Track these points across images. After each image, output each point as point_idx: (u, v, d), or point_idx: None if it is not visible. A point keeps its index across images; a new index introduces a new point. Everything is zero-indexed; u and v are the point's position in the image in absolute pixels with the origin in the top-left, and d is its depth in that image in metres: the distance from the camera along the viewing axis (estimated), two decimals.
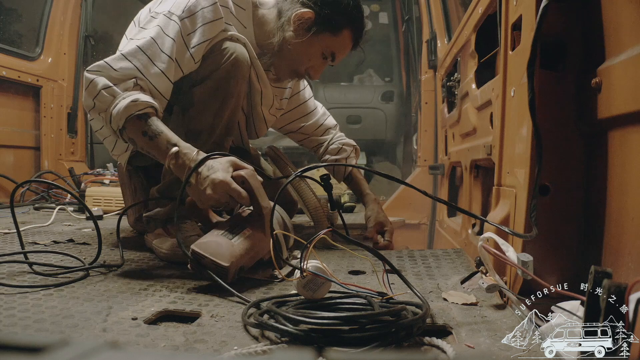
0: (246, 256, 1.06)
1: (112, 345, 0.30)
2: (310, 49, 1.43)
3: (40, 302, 0.92)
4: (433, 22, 2.63)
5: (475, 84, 1.60)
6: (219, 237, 1.06)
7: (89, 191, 2.39)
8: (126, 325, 0.81)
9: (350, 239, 1.00)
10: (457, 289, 1.04)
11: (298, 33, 1.40)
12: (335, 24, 1.40)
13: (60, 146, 3.21)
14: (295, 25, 1.40)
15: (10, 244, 1.50)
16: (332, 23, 1.40)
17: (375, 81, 4.66)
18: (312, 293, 0.84)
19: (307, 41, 1.40)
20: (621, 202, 0.80)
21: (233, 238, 1.06)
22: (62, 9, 3.15)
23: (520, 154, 0.96)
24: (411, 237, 2.69)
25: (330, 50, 1.44)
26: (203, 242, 1.05)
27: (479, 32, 1.58)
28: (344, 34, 1.43)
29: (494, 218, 1.05)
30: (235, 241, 1.06)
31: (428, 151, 2.76)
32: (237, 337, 0.77)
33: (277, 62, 1.47)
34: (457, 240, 1.80)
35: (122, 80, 1.18)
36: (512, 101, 1.03)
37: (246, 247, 1.06)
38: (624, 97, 0.75)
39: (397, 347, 0.72)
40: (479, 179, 1.72)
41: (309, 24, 1.39)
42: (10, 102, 2.91)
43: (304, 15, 1.38)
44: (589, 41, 0.88)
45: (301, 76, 1.54)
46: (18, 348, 0.29)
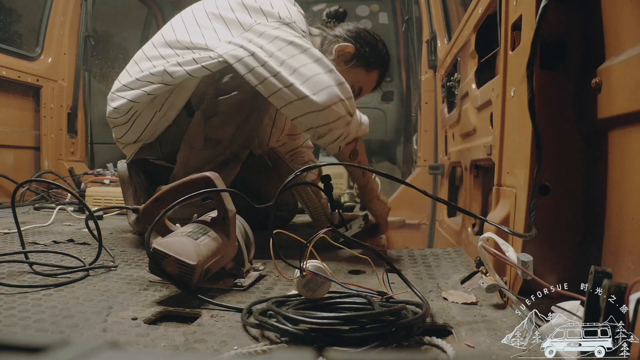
0: (212, 258, 0.99)
1: (112, 345, 0.30)
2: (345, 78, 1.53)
3: (40, 302, 0.92)
4: (433, 22, 2.63)
5: (475, 84, 1.60)
6: (183, 236, 0.99)
7: (89, 191, 2.39)
8: (126, 325, 0.81)
9: (350, 238, 1.00)
10: (457, 289, 1.04)
11: (337, 62, 1.52)
12: (370, 62, 1.56)
13: (60, 146, 3.20)
14: (336, 54, 1.52)
15: (10, 244, 1.50)
16: (368, 61, 1.56)
17: None
18: (312, 292, 0.84)
19: (343, 72, 1.48)
20: (621, 202, 0.80)
21: (199, 238, 1.00)
22: (62, 9, 3.15)
23: (520, 154, 0.96)
24: (411, 237, 2.69)
25: (360, 84, 1.59)
26: (165, 241, 0.98)
27: (479, 32, 1.58)
28: (374, 73, 1.60)
29: (494, 218, 1.05)
30: (201, 241, 0.99)
31: (428, 151, 2.76)
32: (237, 337, 0.77)
33: None
34: (457, 240, 1.80)
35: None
36: (512, 101, 1.03)
37: (212, 249, 1.00)
38: (624, 97, 0.75)
39: (397, 347, 0.72)
40: (479, 179, 1.72)
41: (348, 57, 1.53)
42: (10, 102, 2.91)
43: (346, 48, 1.53)
44: (589, 41, 0.88)
45: None
46: (18, 348, 0.29)
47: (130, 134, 1.48)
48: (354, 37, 1.55)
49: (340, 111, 1.27)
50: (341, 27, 1.58)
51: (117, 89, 1.44)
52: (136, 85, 1.39)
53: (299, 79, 1.25)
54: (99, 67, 3.75)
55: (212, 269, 1.00)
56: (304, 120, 1.29)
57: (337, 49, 1.52)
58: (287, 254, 0.91)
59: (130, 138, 1.49)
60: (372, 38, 1.58)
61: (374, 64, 1.58)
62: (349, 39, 1.54)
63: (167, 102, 1.42)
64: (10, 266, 1.17)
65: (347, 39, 1.54)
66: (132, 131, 1.48)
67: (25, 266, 1.15)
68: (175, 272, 0.94)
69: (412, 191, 1.05)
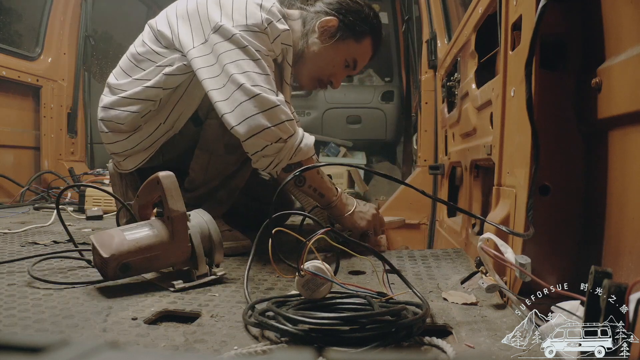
0: (136, 254, 1.00)
1: (112, 345, 0.30)
2: (335, 56, 1.48)
3: (40, 302, 0.92)
4: (433, 22, 2.62)
5: (475, 84, 1.60)
6: (118, 230, 1.04)
7: (89, 191, 2.39)
8: (126, 325, 0.81)
9: (349, 238, 1.00)
10: (457, 289, 1.04)
11: (322, 39, 1.45)
12: (358, 31, 1.46)
13: (60, 146, 3.21)
14: (319, 32, 1.45)
15: (10, 243, 1.50)
16: (355, 30, 1.46)
17: (375, 81, 4.66)
18: (311, 292, 0.84)
19: (331, 48, 1.45)
20: (621, 202, 0.80)
21: (129, 233, 1.02)
22: (62, 9, 3.15)
23: (520, 154, 0.96)
24: (411, 237, 2.68)
25: (353, 57, 1.50)
26: (101, 232, 1.04)
27: (479, 32, 1.57)
28: (366, 41, 1.49)
29: (494, 218, 1.05)
30: (129, 236, 1.01)
31: (428, 151, 2.75)
32: (237, 337, 0.77)
33: (300, 70, 1.50)
34: (457, 240, 1.79)
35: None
36: (512, 101, 1.03)
37: (139, 245, 1.01)
38: (624, 97, 0.75)
39: (397, 347, 0.72)
40: (479, 179, 1.72)
41: (333, 31, 1.44)
42: (10, 102, 2.91)
43: (328, 22, 1.44)
44: (589, 41, 0.88)
45: (323, 85, 1.56)
46: (18, 348, 0.29)
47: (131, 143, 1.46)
48: (335, 9, 1.45)
49: (263, 141, 1.22)
50: (321, 1, 1.48)
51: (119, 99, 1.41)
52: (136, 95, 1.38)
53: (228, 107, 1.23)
54: (99, 67, 3.75)
55: (135, 264, 1.01)
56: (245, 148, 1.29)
57: (319, 26, 1.44)
58: (288, 255, 0.91)
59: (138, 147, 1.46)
60: (355, 4, 1.47)
61: (363, 32, 1.47)
62: (331, 12, 1.45)
63: (173, 112, 1.41)
64: (9, 268, 1.17)
65: (328, 12, 1.45)
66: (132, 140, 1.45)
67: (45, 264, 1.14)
68: (98, 262, 1.00)
69: (412, 191, 1.05)
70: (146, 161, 1.48)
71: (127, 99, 1.39)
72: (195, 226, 1.09)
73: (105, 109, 1.44)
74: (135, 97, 1.38)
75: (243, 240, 1.45)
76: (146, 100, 1.37)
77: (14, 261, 1.21)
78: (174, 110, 1.41)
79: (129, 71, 1.43)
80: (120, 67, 1.47)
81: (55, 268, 1.18)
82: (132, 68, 1.42)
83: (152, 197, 1.13)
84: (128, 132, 1.43)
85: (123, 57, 1.48)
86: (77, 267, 1.20)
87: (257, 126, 1.21)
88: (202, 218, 1.12)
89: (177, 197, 1.05)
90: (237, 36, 1.26)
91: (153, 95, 1.36)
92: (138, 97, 1.37)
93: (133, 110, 1.39)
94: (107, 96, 1.45)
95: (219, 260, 1.12)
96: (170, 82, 1.35)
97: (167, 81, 1.35)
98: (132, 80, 1.40)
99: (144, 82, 1.37)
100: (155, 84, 1.35)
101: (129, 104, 1.39)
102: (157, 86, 1.35)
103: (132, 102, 1.39)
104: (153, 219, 1.12)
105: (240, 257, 1.38)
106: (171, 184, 1.05)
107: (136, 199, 1.16)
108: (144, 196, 1.14)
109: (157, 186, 1.05)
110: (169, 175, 1.06)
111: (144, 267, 1.04)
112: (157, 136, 1.43)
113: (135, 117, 1.39)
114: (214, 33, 1.28)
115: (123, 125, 1.41)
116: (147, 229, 1.05)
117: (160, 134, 1.43)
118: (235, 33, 1.26)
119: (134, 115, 1.39)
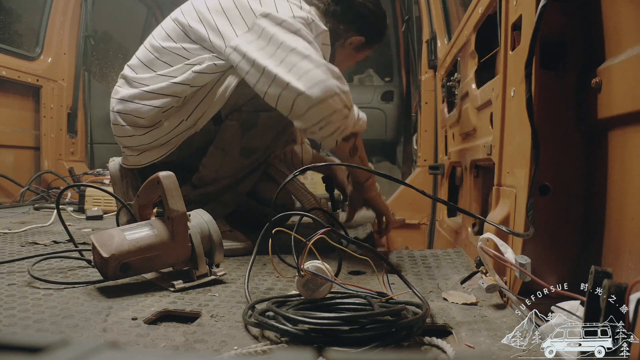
0: (136, 254, 1.00)
1: (112, 345, 0.30)
2: (352, 60, 1.71)
3: (40, 302, 0.92)
4: (433, 22, 2.62)
5: (475, 84, 1.60)
6: (118, 230, 1.03)
7: (89, 191, 2.39)
8: (126, 325, 0.81)
9: (349, 238, 1.00)
10: (457, 289, 1.04)
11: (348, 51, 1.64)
12: (375, 41, 1.68)
13: (60, 146, 3.21)
14: (349, 47, 1.62)
15: (10, 243, 1.50)
16: (373, 40, 1.67)
17: (375, 81, 4.66)
18: (311, 292, 0.84)
19: (353, 55, 1.67)
20: (621, 201, 0.80)
21: (129, 233, 1.02)
22: (62, 9, 3.15)
23: (520, 154, 0.96)
24: (411, 237, 2.68)
25: (363, 55, 1.70)
26: (101, 232, 1.04)
27: (479, 32, 1.57)
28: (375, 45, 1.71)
29: (494, 218, 1.05)
30: (129, 236, 1.01)
31: (428, 151, 2.76)
32: (237, 337, 0.77)
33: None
34: (457, 240, 1.80)
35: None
36: (512, 101, 1.03)
37: (139, 245, 1.01)
38: (624, 97, 0.75)
39: (397, 347, 0.72)
40: (479, 179, 1.72)
41: (359, 44, 1.63)
42: (10, 102, 2.91)
43: (359, 41, 1.62)
44: (589, 41, 0.88)
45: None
46: (18, 348, 0.29)
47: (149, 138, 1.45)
48: (361, 25, 1.60)
49: (335, 105, 1.25)
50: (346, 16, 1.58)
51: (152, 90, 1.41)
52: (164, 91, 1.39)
53: (294, 76, 1.24)
54: (99, 67, 3.75)
55: (135, 264, 1.01)
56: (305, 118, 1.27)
57: (350, 43, 1.62)
58: (288, 255, 0.91)
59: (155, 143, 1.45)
60: (374, 17, 1.62)
61: (377, 41, 1.70)
62: (360, 29, 1.60)
63: (197, 110, 1.41)
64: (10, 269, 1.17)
65: (358, 29, 1.60)
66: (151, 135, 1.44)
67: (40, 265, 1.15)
68: (98, 262, 1.00)
69: (412, 191, 1.05)
70: (164, 157, 1.47)
71: (151, 94, 1.38)
72: (195, 226, 1.09)
73: (123, 102, 1.43)
74: (160, 92, 1.38)
75: (243, 241, 1.46)
76: (171, 96, 1.37)
77: (14, 261, 1.21)
78: (198, 108, 1.40)
79: (150, 64, 1.42)
80: (139, 59, 1.46)
81: (55, 268, 1.18)
82: (154, 61, 1.42)
83: (153, 196, 1.14)
84: (147, 128, 1.43)
85: (141, 49, 1.48)
86: (77, 267, 1.20)
87: (331, 90, 1.23)
88: (202, 218, 1.12)
89: (178, 197, 1.05)
90: (288, 22, 1.28)
91: (180, 92, 1.37)
92: (163, 93, 1.37)
93: (156, 105, 1.38)
94: (125, 88, 1.44)
95: (219, 261, 1.12)
96: (199, 80, 1.36)
97: (196, 79, 1.35)
98: (156, 75, 1.40)
99: (171, 79, 1.37)
100: (183, 81, 1.35)
101: (152, 98, 1.39)
102: (185, 83, 1.36)
103: (155, 97, 1.38)
104: (153, 218, 1.12)
105: (241, 257, 1.38)
106: (171, 183, 1.05)
107: (136, 198, 1.16)
108: (144, 196, 1.14)
109: (158, 186, 1.05)
110: (169, 175, 1.06)
111: (144, 267, 1.04)
112: (177, 133, 1.42)
113: (157, 112, 1.39)
114: (261, 18, 1.30)
115: (143, 119, 1.41)
116: (147, 228, 1.05)
117: (181, 130, 1.42)
118: (285, 19, 1.29)
119: (156, 110, 1.39)
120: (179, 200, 1.05)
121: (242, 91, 1.37)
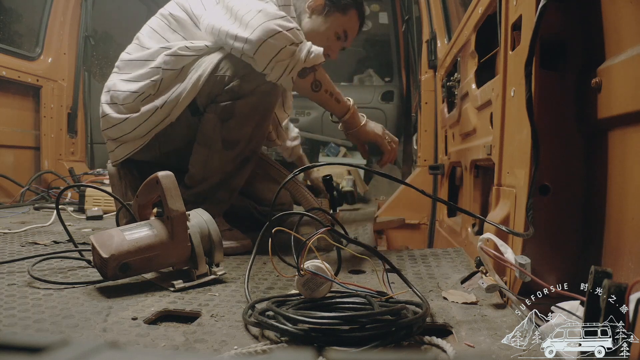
0: (135, 254, 1.00)
1: (112, 345, 0.30)
2: (326, 30, 1.64)
3: (40, 302, 0.92)
4: (433, 22, 2.62)
5: (475, 84, 1.60)
6: (118, 230, 1.04)
7: (89, 191, 2.39)
8: (126, 325, 0.81)
9: (349, 238, 1.00)
10: (457, 289, 1.04)
11: (312, 18, 1.63)
12: (343, 5, 1.63)
13: (60, 146, 3.20)
14: (309, 11, 1.63)
15: (10, 243, 1.50)
16: (340, 4, 1.63)
17: (375, 81, 4.66)
18: (311, 292, 0.84)
19: (322, 23, 1.62)
20: (621, 201, 0.80)
21: (129, 234, 1.02)
22: (62, 9, 3.15)
23: (520, 154, 0.96)
24: (411, 237, 2.68)
25: (343, 29, 1.66)
26: (101, 232, 1.04)
27: (479, 32, 1.57)
28: (351, 12, 1.66)
29: (494, 218, 1.05)
30: (128, 236, 1.02)
31: (428, 151, 2.75)
32: (237, 336, 0.77)
33: None
34: (457, 240, 1.80)
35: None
36: (512, 101, 1.03)
37: (138, 245, 1.01)
38: (624, 97, 0.75)
39: (397, 347, 0.72)
40: (479, 179, 1.72)
41: (321, 8, 1.62)
42: (10, 102, 2.91)
43: (315, 2, 1.61)
44: (589, 41, 0.88)
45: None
46: (18, 348, 0.29)
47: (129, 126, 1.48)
48: None
49: (279, 43, 1.30)
50: None
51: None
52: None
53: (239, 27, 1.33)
54: (99, 67, 3.75)
55: (135, 265, 1.01)
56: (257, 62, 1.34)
57: (308, 6, 1.63)
58: (288, 254, 0.91)
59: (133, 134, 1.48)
60: None
61: (347, 5, 1.65)
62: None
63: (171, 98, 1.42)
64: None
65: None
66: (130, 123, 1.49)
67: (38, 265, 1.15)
68: (98, 262, 1.00)
69: (412, 191, 1.05)
70: (139, 150, 1.49)
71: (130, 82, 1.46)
72: (194, 226, 1.09)
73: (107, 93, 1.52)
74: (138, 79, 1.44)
75: (243, 240, 1.46)
76: (148, 80, 1.42)
77: (14, 261, 1.21)
78: (172, 95, 1.42)
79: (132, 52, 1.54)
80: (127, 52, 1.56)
81: (55, 268, 1.18)
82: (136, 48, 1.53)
83: (152, 197, 1.14)
84: (126, 114, 1.46)
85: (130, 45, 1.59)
86: (77, 267, 1.20)
87: (270, 30, 1.30)
88: (202, 218, 1.12)
89: (177, 196, 1.05)
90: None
91: (154, 75, 1.42)
92: (141, 79, 1.44)
93: (133, 89, 1.44)
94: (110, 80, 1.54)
95: (218, 260, 1.12)
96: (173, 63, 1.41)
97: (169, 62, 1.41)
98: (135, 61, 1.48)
99: (149, 63, 1.44)
100: (158, 65, 1.42)
101: (131, 82, 1.46)
102: (159, 66, 1.41)
103: (133, 82, 1.45)
104: (153, 218, 1.12)
105: (240, 257, 1.38)
106: (170, 183, 1.05)
107: (136, 199, 1.16)
108: (143, 196, 1.14)
109: (157, 186, 1.05)
110: (168, 175, 1.06)
111: (143, 267, 1.04)
112: (154, 123, 1.44)
113: (135, 97, 1.44)
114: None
115: (122, 105, 1.46)
116: (146, 228, 1.05)
117: (157, 120, 1.44)
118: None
119: (134, 96, 1.44)
120: (178, 200, 1.05)
121: (215, 79, 1.39)
